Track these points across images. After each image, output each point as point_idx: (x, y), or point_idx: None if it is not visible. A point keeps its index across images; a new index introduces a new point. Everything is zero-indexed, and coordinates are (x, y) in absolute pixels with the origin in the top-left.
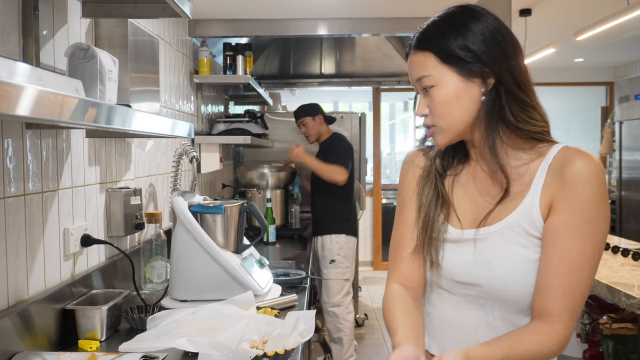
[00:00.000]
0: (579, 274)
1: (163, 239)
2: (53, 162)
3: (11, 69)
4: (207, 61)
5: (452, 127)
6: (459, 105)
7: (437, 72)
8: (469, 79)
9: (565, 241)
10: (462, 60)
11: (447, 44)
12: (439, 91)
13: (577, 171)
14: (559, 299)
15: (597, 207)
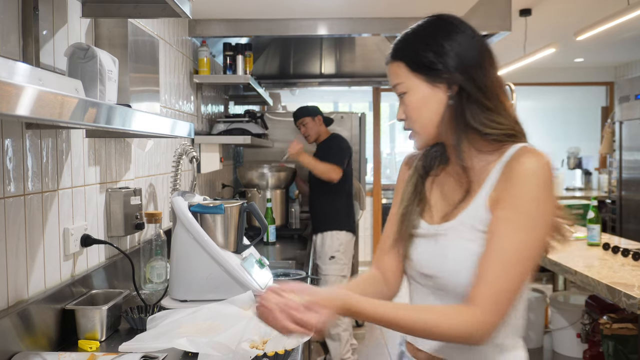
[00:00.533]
0: (507, 267)
1: (163, 239)
2: (53, 162)
3: (11, 69)
4: (207, 61)
5: (424, 130)
6: (428, 109)
7: (408, 80)
8: (435, 85)
9: (501, 235)
10: (428, 68)
11: (416, 55)
12: (410, 97)
13: (522, 168)
14: (482, 287)
15: (537, 204)
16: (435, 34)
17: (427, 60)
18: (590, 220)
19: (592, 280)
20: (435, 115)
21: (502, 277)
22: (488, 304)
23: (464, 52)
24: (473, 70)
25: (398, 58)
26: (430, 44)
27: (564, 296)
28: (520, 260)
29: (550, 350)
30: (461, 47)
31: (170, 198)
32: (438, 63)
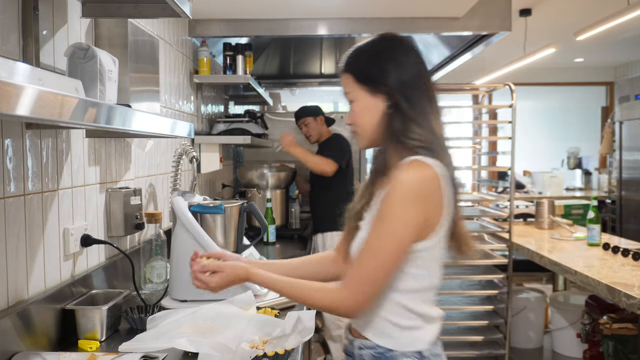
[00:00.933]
0: (370, 257)
1: (163, 239)
2: (53, 162)
3: (11, 69)
4: (207, 61)
5: (364, 133)
6: (370, 116)
7: (354, 90)
8: (375, 95)
9: (371, 230)
10: (371, 81)
11: (362, 69)
12: (355, 105)
13: (394, 178)
14: (350, 272)
15: (390, 206)
16: (382, 53)
17: (370, 75)
18: (590, 220)
19: (592, 280)
20: (374, 121)
21: (365, 265)
22: (353, 285)
23: (403, 72)
24: (408, 89)
25: (347, 70)
26: (375, 60)
27: (564, 296)
28: (380, 253)
29: (550, 350)
30: (401, 67)
31: (170, 198)
32: (379, 78)
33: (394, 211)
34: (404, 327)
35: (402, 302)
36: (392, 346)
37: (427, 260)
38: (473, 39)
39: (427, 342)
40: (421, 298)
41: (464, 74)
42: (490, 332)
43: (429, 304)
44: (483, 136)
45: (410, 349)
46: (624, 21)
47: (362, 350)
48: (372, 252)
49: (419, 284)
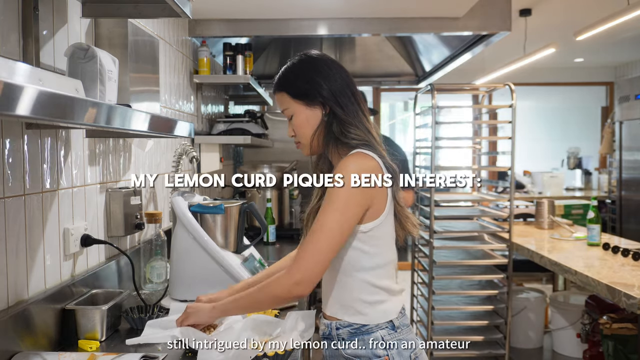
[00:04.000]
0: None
1: (163, 239)
2: (53, 162)
3: (11, 69)
4: (207, 61)
5: (307, 142)
6: (309, 126)
7: (291, 106)
8: (312, 107)
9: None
10: (305, 95)
11: (295, 86)
12: (295, 119)
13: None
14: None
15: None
16: (309, 69)
17: (304, 90)
18: (590, 220)
19: (592, 280)
20: (314, 130)
21: (310, 241)
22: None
23: (331, 82)
24: (339, 96)
25: (281, 89)
26: (306, 77)
27: (564, 296)
28: (324, 227)
29: (550, 350)
30: (329, 79)
31: (170, 198)
32: (312, 91)
33: (339, 191)
34: (372, 302)
35: (367, 279)
36: (365, 321)
37: (381, 238)
38: (473, 39)
39: (396, 312)
40: (383, 274)
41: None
42: (490, 332)
43: (391, 279)
44: (483, 136)
45: (382, 321)
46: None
47: (340, 330)
48: (317, 228)
49: (379, 260)
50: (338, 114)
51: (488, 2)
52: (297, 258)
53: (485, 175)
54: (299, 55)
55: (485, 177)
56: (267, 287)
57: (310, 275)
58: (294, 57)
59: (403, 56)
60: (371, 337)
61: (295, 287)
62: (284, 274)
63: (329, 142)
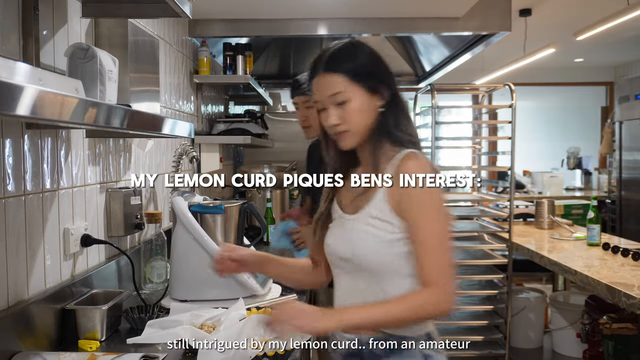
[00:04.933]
0: (439, 247)
1: (163, 239)
2: (53, 162)
3: (11, 69)
4: (207, 61)
5: (361, 131)
6: (365, 115)
7: (348, 89)
8: (372, 94)
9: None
10: (367, 79)
11: (357, 67)
12: (351, 104)
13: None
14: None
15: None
16: (370, 53)
17: (366, 72)
18: (590, 220)
19: (592, 280)
20: (369, 120)
21: (439, 257)
22: (440, 281)
23: (388, 70)
24: (395, 87)
25: (338, 70)
26: (368, 59)
27: (564, 296)
28: (442, 240)
29: (550, 350)
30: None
31: (170, 198)
32: (375, 75)
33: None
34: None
35: (409, 287)
36: (405, 333)
37: None
38: (473, 39)
39: (432, 323)
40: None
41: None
42: (490, 332)
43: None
44: (483, 136)
45: (420, 333)
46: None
47: (375, 345)
48: (438, 243)
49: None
50: (396, 105)
51: (488, 2)
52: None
53: (485, 175)
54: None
55: (485, 177)
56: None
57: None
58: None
59: (403, 56)
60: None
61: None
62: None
63: (380, 135)
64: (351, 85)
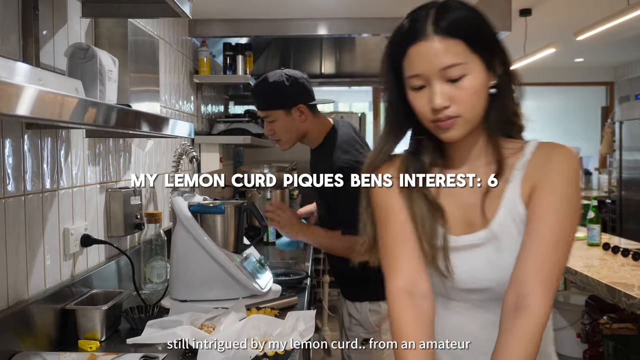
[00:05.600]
0: (553, 247)
1: (163, 239)
2: (53, 162)
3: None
4: (207, 61)
5: (475, 118)
6: (483, 95)
7: (469, 60)
8: (488, 70)
9: (542, 217)
10: (487, 50)
11: (479, 33)
12: (470, 80)
13: (555, 158)
14: (534, 274)
15: (572, 186)
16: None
17: (487, 41)
18: (590, 220)
19: (592, 280)
20: (485, 102)
21: (551, 260)
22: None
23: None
24: (509, 64)
25: (457, 35)
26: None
27: (564, 296)
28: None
29: None
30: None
31: (170, 198)
32: (493, 46)
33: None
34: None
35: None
36: None
37: None
38: None
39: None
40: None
41: None
42: None
43: None
44: None
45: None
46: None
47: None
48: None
49: None
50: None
51: (488, 2)
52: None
53: None
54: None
55: None
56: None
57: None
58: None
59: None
60: None
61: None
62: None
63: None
64: (470, 55)
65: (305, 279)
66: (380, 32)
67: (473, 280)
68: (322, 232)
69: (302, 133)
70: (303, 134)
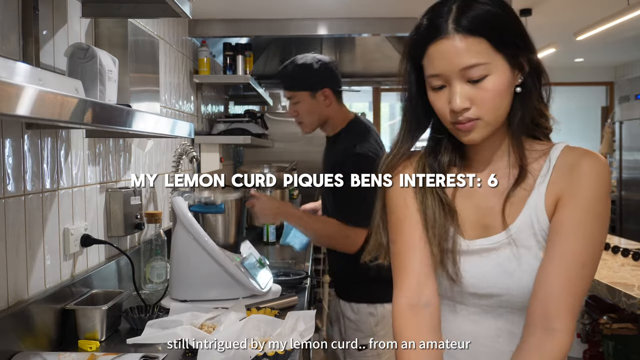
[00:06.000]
0: (580, 270)
1: (163, 239)
2: (53, 162)
3: (11, 69)
4: (207, 61)
5: (498, 120)
6: (508, 96)
7: (492, 60)
8: (513, 69)
9: (569, 236)
10: (511, 48)
11: (502, 30)
12: (495, 81)
13: (585, 169)
14: (560, 296)
15: (602, 203)
16: (511, 12)
17: (510, 38)
18: None
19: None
20: (509, 103)
21: (577, 282)
22: (568, 319)
23: (528, 38)
24: (536, 60)
25: (479, 33)
26: (514, 20)
27: None
28: (590, 263)
29: None
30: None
31: (170, 198)
32: (519, 42)
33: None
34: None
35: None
36: None
37: None
38: None
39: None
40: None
41: None
42: None
43: None
44: None
45: None
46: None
47: None
48: (578, 265)
49: None
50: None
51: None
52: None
53: None
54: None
55: None
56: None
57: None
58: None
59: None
60: None
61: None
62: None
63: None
64: (493, 54)
65: (305, 279)
66: (380, 32)
67: (483, 285)
68: (304, 214)
69: (324, 118)
70: (325, 119)
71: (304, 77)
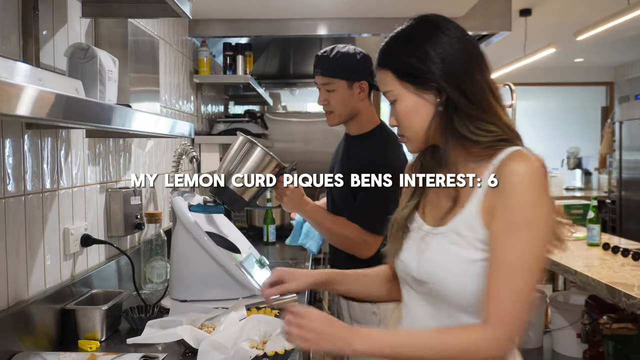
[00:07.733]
0: (513, 280)
1: (163, 239)
2: (53, 162)
3: (11, 69)
4: (207, 61)
5: (415, 136)
6: (418, 117)
7: (396, 88)
8: (423, 93)
9: (502, 245)
10: (415, 76)
11: (401, 62)
12: (400, 105)
13: (512, 175)
14: (492, 302)
15: (533, 207)
16: (419, 39)
17: (412, 68)
18: (590, 220)
19: (592, 280)
20: (425, 123)
21: (511, 290)
22: (497, 321)
23: (449, 57)
24: (460, 78)
25: (384, 66)
26: (414, 49)
27: (564, 296)
28: (525, 270)
29: (550, 350)
30: (446, 52)
31: (170, 198)
32: (424, 71)
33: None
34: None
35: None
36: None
37: None
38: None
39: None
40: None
41: None
42: None
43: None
44: None
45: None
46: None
47: None
48: (513, 271)
49: None
50: (460, 105)
51: (488, 2)
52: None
53: None
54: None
55: None
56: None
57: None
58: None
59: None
60: None
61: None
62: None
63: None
64: (397, 83)
65: None
66: (380, 32)
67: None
68: (325, 212)
69: (355, 112)
70: (355, 114)
71: (345, 65)
